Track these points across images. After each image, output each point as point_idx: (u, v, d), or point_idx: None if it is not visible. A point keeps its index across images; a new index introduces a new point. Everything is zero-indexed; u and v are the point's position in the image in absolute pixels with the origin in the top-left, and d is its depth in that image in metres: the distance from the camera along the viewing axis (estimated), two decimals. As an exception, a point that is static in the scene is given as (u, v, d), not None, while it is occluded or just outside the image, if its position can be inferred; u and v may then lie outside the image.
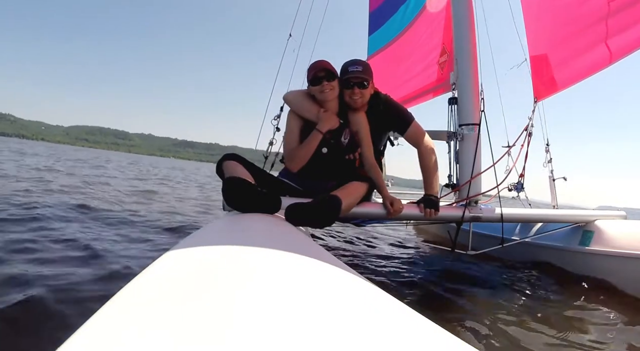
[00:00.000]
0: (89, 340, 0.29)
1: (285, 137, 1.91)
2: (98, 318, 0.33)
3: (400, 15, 4.02)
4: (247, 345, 0.29)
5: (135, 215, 3.65)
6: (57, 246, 2.16)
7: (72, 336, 0.29)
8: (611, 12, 2.27)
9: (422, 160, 1.97)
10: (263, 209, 1.29)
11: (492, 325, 1.56)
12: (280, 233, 1.01)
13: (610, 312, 1.75)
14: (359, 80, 1.81)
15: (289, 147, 1.85)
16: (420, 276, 2.46)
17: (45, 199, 3.83)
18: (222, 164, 1.60)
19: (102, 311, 0.35)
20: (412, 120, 1.98)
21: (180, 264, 0.53)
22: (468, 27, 2.40)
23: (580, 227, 2.28)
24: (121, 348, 0.27)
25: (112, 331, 0.30)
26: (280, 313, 0.36)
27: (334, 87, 1.77)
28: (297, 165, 1.82)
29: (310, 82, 1.79)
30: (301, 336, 0.32)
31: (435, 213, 1.86)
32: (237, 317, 0.34)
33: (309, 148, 1.79)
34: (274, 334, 0.31)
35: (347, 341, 0.32)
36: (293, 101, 1.89)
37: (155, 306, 0.36)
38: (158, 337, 0.29)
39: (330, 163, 1.86)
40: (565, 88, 2.66)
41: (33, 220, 2.74)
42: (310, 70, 1.79)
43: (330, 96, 1.77)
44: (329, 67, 1.78)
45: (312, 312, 0.38)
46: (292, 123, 1.87)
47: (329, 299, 0.45)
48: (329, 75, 1.76)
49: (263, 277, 0.49)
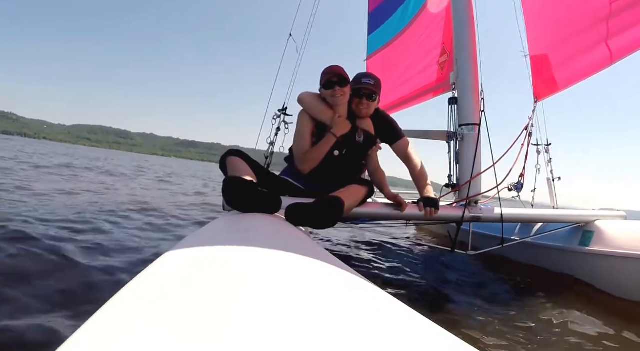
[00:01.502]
0: (89, 340, 0.29)
1: (295, 138, 1.92)
2: (98, 318, 0.33)
3: (399, 15, 4.02)
4: (247, 346, 0.29)
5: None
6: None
7: (72, 336, 0.29)
8: (612, 12, 2.27)
9: (413, 172, 2.03)
10: (263, 209, 1.29)
11: (492, 325, 1.57)
12: (280, 233, 1.01)
13: (610, 312, 1.75)
14: (370, 92, 1.89)
15: (301, 149, 1.87)
16: (421, 276, 2.47)
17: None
18: (226, 160, 1.62)
19: (102, 312, 0.35)
20: (404, 136, 2.08)
21: (180, 264, 0.53)
22: (468, 27, 2.40)
23: (580, 227, 2.28)
24: (121, 349, 0.27)
25: (112, 332, 0.30)
26: (279, 314, 0.36)
27: (345, 93, 1.82)
28: (309, 167, 1.85)
29: (324, 85, 1.83)
30: (301, 336, 0.32)
31: (435, 212, 1.87)
32: (237, 318, 0.34)
33: (322, 151, 1.83)
34: (274, 334, 0.31)
35: (347, 341, 0.32)
36: (308, 102, 1.91)
37: (154, 306, 0.36)
38: (158, 338, 0.29)
39: (340, 166, 1.90)
40: (565, 88, 2.66)
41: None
42: (324, 74, 1.83)
43: (342, 101, 1.82)
44: (342, 73, 1.82)
45: (312, 312, 0.38)
46: (305, 125, 1.89)
47: (328, 299, 0.45)
48: (342, 81, 1.80)
49: (263, 277, 0.49)
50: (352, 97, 1.90)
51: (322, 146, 1.83)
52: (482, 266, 2.74)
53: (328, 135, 1.82)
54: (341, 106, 1.85)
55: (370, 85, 1.89)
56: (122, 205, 4.03)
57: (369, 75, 1.98)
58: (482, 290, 2.18)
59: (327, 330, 0.34)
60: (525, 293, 2.09)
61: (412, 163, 2.03)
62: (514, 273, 2.55)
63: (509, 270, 2.62)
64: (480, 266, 2.75)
